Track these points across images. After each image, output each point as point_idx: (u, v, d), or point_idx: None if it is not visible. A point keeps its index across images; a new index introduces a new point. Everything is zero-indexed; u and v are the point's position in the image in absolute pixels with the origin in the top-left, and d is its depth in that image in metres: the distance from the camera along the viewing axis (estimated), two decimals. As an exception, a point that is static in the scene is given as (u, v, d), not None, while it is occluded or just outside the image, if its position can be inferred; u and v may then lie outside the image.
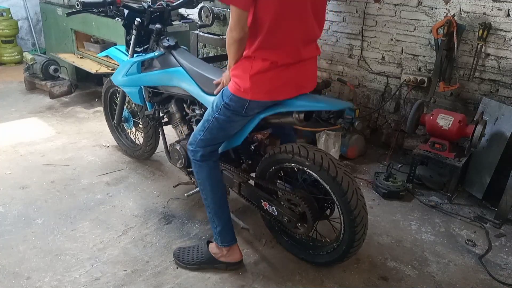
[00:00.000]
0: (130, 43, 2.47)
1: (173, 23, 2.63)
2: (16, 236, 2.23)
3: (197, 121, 2.32)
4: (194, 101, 2.34)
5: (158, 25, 2.36)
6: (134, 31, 2.41)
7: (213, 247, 2.07)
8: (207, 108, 2.07)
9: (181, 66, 2.22)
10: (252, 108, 1.79)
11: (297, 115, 1.80)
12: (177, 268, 2.06)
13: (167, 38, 2.37)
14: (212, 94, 2.02)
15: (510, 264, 2.21)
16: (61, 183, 2.78)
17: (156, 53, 2.36)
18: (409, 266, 2.16)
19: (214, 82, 2.01)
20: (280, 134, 2.22)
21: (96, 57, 4.31)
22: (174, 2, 2.60)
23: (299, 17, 1.66)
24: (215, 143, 1.96)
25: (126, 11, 2.42)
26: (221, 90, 1.86)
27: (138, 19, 2.38)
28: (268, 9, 1.60)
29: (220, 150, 2.07)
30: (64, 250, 2.15)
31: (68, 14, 2.45)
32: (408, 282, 2.05)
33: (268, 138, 2.20)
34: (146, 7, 2.40)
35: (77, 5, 2.25)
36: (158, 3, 2.49)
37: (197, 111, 2.35)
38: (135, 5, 2.43)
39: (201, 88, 2.12)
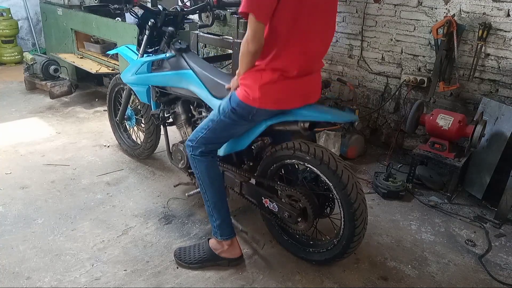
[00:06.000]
0: (141, 43, 2.51)
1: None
2: (16, 236, 2.24)
3: None
4: (200, 104, 2.37)
5: (170, 28, 2.41)
6: (147, 31, 2.45)
7: (213, 243, 2.08)
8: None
9: (191, 69, 2.25)
10: (259, 115, 1.82)
11: (302, 124, 1.83)
12: (177, 267, 2.06)
13: (179, 41, 2.42)
14: (220, 98, 2.04)
15: (510, 264, 2.21)
16: (61, 183, 2.78)
17: (167, 55, 2.39)
18: (409, 266, 2.16)
19: (226, 87, 2.01)
20: (280, 142, 2.22)
21: (96, 57, 4.32)
22: (188, 8, 2.63)
23: (315, 30, 1.69)
24: (216, 142, 1.98)
25: (140, 11, 2.48)
26: (229, 95, 1.87)
27: (152, 20, 2.42)
28: (285, 21, 1.62)
29: (223, 153, 2.09)
30: (64, 250, 2.15)
31: (86, 6, 2.49)
32: (408, 282, 2.05)
33: (270, 145, 2.20)
34: (161, 9, 2.44)
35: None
36: (173, 7, 2.53)
37: (203, 114, 2.38)
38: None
39: (209, 91, 2.15)
